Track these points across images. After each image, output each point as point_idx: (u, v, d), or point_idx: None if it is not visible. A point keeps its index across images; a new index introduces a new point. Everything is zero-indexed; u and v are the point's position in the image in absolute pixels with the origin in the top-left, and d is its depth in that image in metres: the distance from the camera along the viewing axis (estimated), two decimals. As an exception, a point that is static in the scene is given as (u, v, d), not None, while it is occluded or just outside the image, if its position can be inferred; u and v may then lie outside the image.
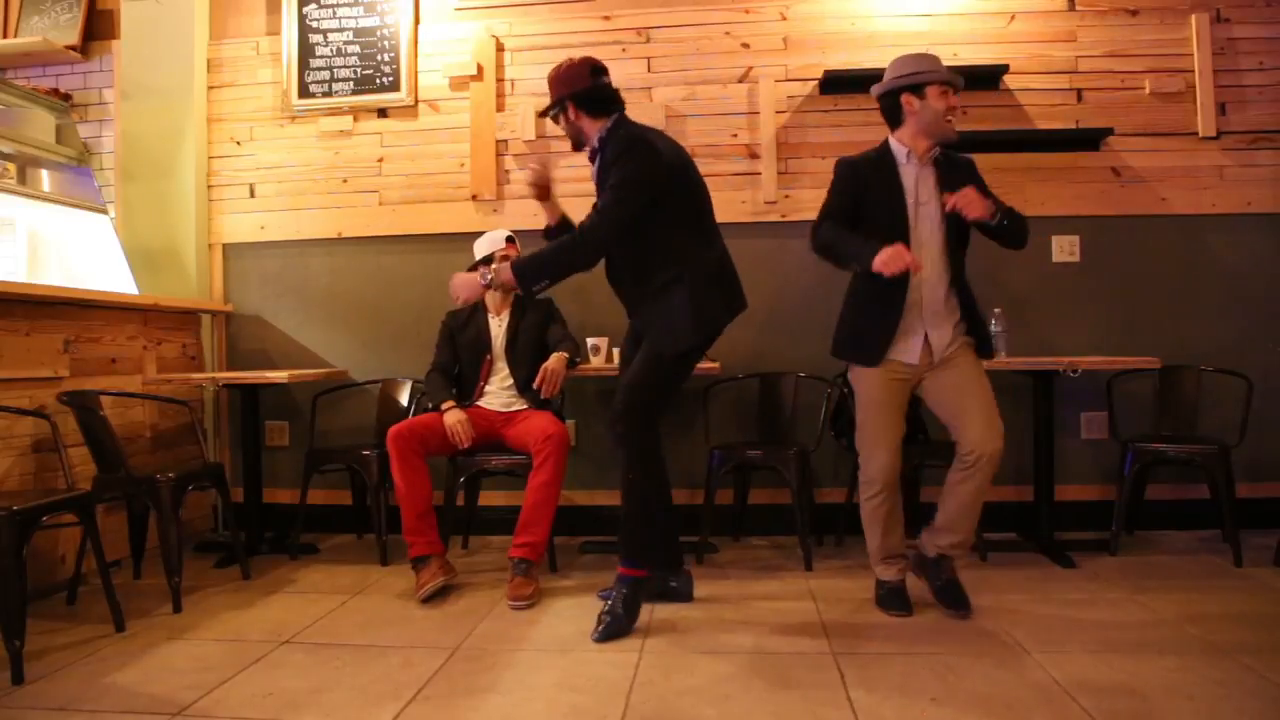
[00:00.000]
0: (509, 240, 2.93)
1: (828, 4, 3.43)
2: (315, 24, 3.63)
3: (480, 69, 3.52)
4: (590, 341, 3.14)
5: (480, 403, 2.94)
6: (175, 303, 3.39)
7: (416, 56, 3.57)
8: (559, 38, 3.48)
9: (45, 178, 3.74)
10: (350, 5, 3.61)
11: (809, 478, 3.04)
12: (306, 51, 3.62)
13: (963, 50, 3.36)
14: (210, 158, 3.67)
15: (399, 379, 3.44)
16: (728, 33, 3.46)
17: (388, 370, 3.51)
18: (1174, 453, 2.89)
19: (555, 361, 2.77)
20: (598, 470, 3.40)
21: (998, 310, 2.98)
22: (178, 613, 2.46)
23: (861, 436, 2.34)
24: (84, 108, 3.84)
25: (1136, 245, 3.32)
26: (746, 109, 3.44)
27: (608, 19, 3.50)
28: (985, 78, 3.32)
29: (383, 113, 3.60)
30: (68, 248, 3.74)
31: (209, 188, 3.67)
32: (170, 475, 2.53)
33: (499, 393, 2.95)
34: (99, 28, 3.81)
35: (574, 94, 2.31)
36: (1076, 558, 2.84)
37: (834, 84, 3.35)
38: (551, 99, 2.35)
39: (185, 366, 3.45)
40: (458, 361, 3.03)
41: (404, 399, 3.39)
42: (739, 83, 3.45)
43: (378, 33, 3.59)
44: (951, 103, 2.26)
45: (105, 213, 3.73)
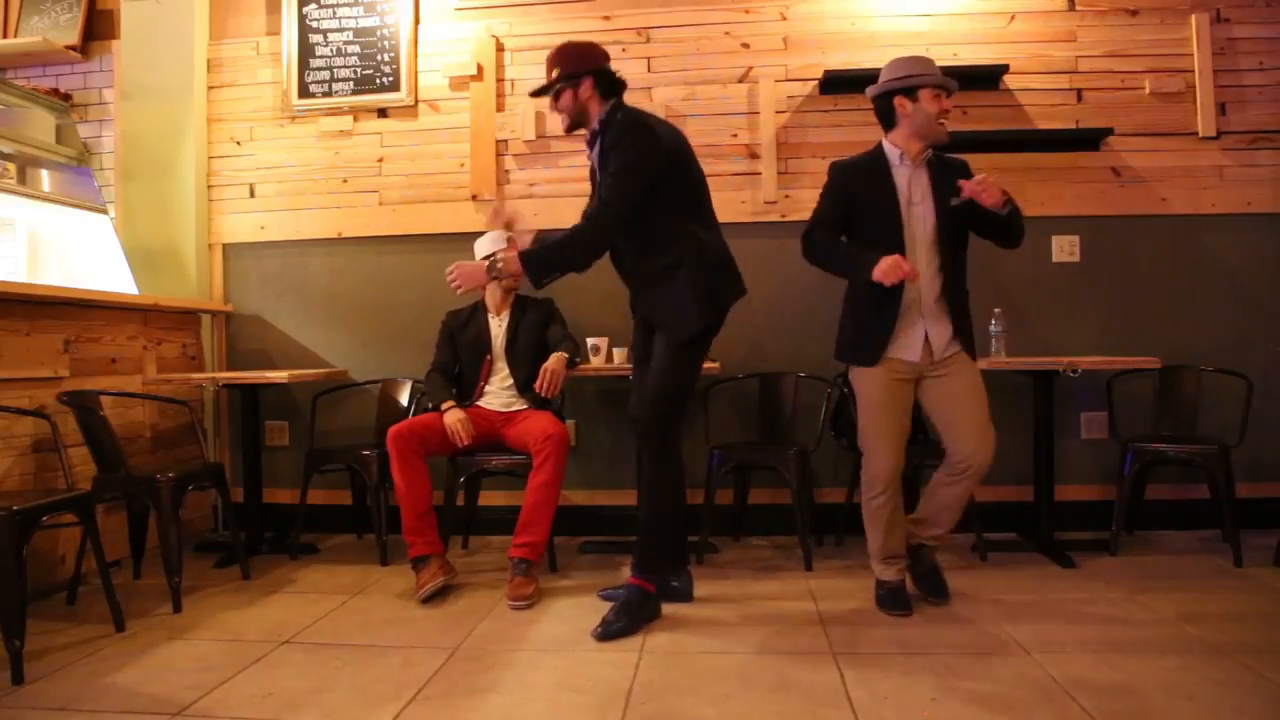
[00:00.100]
0: (510, 240, 2.93)
1: (828, 4, 3.43)
2: (315, 24, 3.63)
3: (480, 69, 3.52)
4: (590, 341, 3.14)
5: (480, 403, 2.94)
6: (175, 303, 3.39)
7: (416, 56, 3.57)
8: (559, 38, 3.43)
9: (45, 178, 3.74)
10: (350, 5, 3.61)
11: (809, 478, 3.04)
12: (306, 51, 3.62)
13: (963, 50, 3.36)
14: (210, 158, 3.67)
15: (399, 379, 3.45)
16: (728, 33, 3.46)
17: (388, 370, 3.51)
18: (1174, 453, 2.89)
19: (555, 362, 2.77)
20: (598, 470, 3.40)
21: (998, 310, 2.98)
22: (178, 613, 2.46)
23: (864, 437, 2.34)
24: (84, 108, 3.84)
25: (1136, 245, 3.32)
26: (746, 109, 3.44)
27: (608, 19, 3.50)
28: (985, 78, 3.32)
29: (383, 113, 3.61)
30: (68, 248, 3.74)
31: (209, 188, 3.67)
32: (170, 475, 2.53)
33: (499, 393, 2.95)
34: (99, 28, 3.81)
35: (595, 70, 2.28)
36: (1076, 558, 2.84)
37: (834, 84, 3.35)
38: (561, 73, 2.27)
39: (185, 366, 3.45)
40: (458, 361, 3.03)
41: (404, 399, 3.39)
42: (739, 83, 3.45)
43: (378, 33, 3.59)
44: (944, 106, 2.28)
45: (105, 213, 3.73)
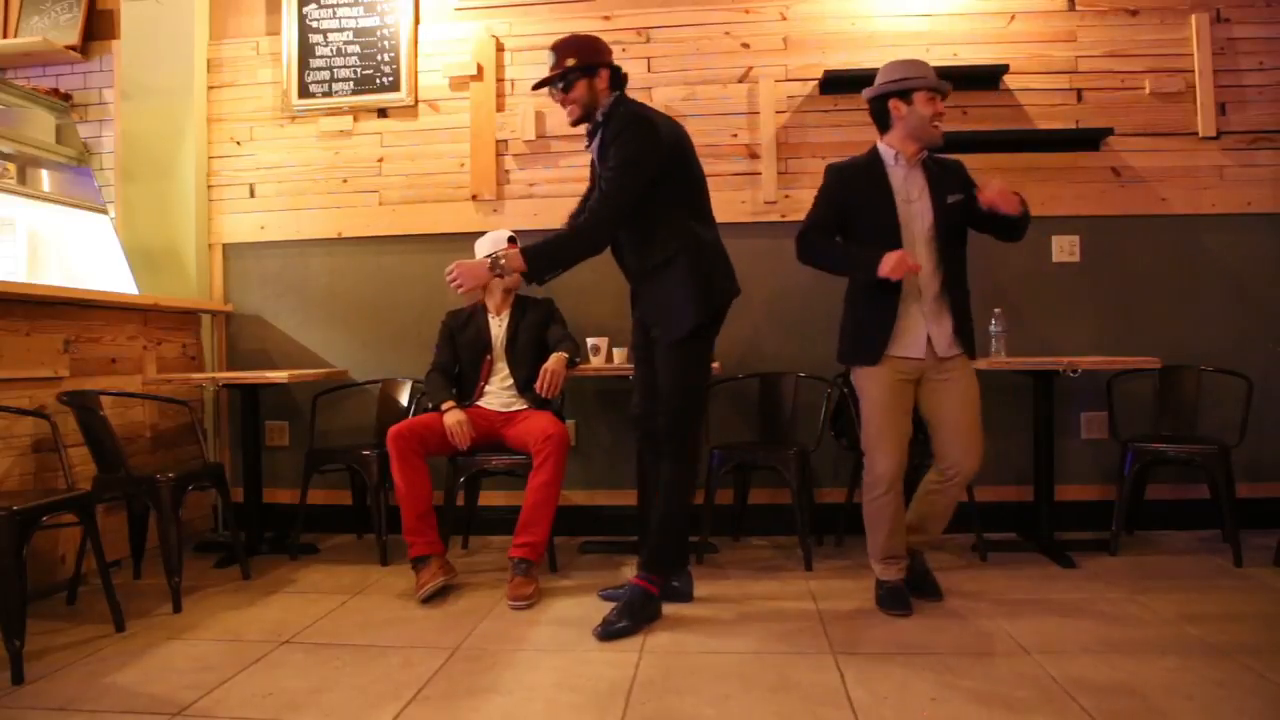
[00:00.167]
0: (511, 240, 2.92)
1: (828, 4, 3.43)
2: (315, 24, 3.62)
3: (480, 69, 3.52)
4: (590, 341, 3.14)
5: (480, 403, 2.94)
6: (175, 303, 3.39)
7: (416, 56, 3.57)
8: (559, 38, 3.47)
9: (45, 178, 3.74)
10: (350, 5, 3.61)
11: (809, 478, 3.04)
12: (306, 51, 3.62)
13: (963, 50, 3.36)
14: (210, 158, 3.67)
15: (399, 379, 3.44)
16: (728, 33, 3.46)
17: (388, 370, 3.51)
18: (1174, 453, 2.89)
19: (555, 362, 2.77)
20: (598, 470, 3.40)
21: (998, 310, 2.98)
22: (178, 613, 2.46)
23: (868, 438, 2.34)
24: (84, 108, 3.83)
25: (1136, 245, 3.32)
26: (746, 109, 3.44)
27: (608, 19, 3.50)
28: (985, 78, 3.32)
29: (383, 113, 3.60)
30: (68, 248, 3.74)
31: (209, 188, 3.67)
32: (170, 475, 2.53)
33: (499, 393, 2.95)
34: (99, 28, 3.81)
35: (608, 63, 2.32)
36: (1076, 558, 2.84)
37: (834, 84, 3.35)
38: (579, 62, 2.27)
39: (185, 366, 3.45)
40: (458, 361, 3.03)
41: (404, 399, 3.39)
42: (739, 83, 3.45)
43: (378, 33, 3.59)
44: (938, 108, 2.30)
45: (105, 213, 3.73)
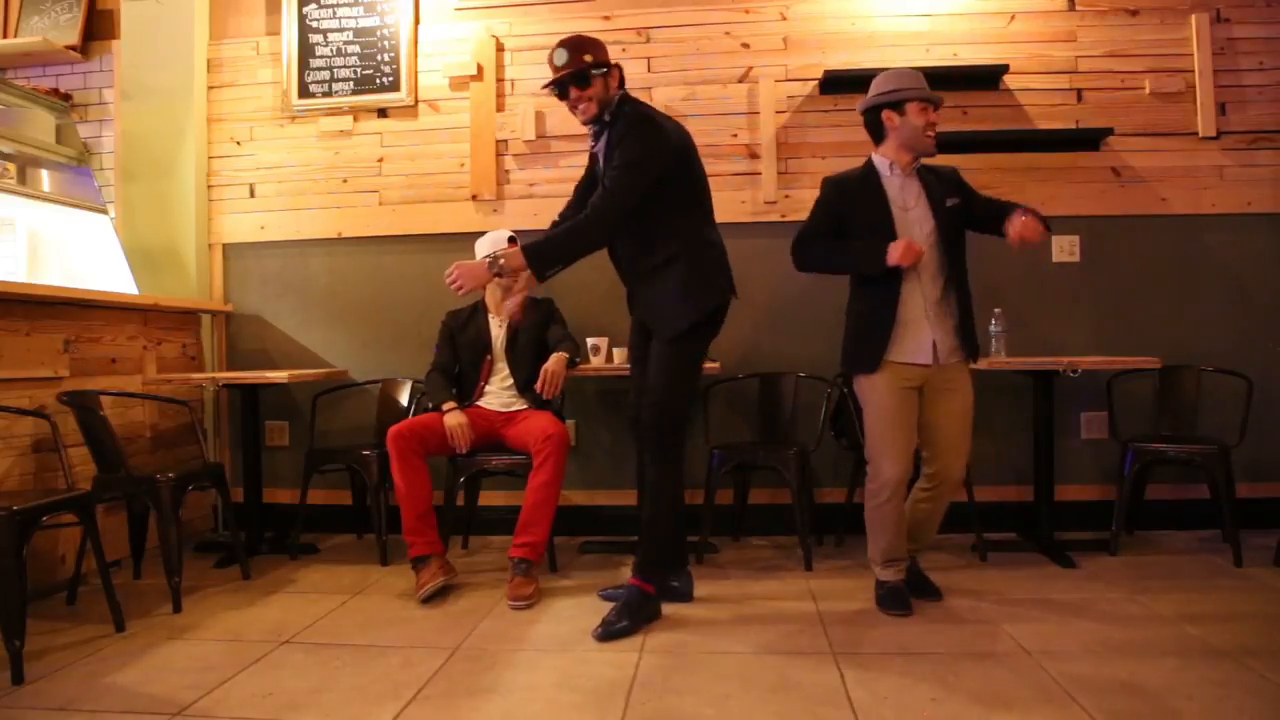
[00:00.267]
0: (511, 240, 2.92)
1: (828, 4, 3.43)
2: (315, 24, 3.62)
3: (480, 69, 3.52)
4: (590, 341, 3.14)
5: (480, 403, 2.94)
6: (175, 303, 3.39)
7: (416, 56, 3.57)
8: (559, 38, 3.44)
9: (45, 178, 3.74)
10: (350, 5, 3.61)
11: (809, 478, 3.04)
12: (306, 51, 3.62)
13: (963, 50, 3.36)
14: (210, 158, 3.67)
15: (399, 379, 3.44)
16: (728, 33, 3.46)
17: (388, 370, 3.51)
18: (1174, 453, 2.89)
19: (555, 362, 2.77)
20: (598, 470, 3.40)
21: (998, 310, 2.97)
22: (178, 613, 2.46)
23: (873, 444, 2.34)
24: (84, 108, 3.83)
25: (1136, 245, 3.32)
26: (746, 109, 3.44)
27: (608, 19, 3.50)
28: (985, 78, 3.32)
29: (383, 113, 3.60)
30: (68, 248, 3.74)
31: (209, 188, 3.67)
32: (170, 475, 2.53)
33: (499, 393, 2.95)
34: (99, 28, 3.81)
35: (617, 65, 2.33)
36: (1076, 558, 2.84)
37: (834, 84, 3.35)
38: (596, 60, 2.27)
39: (185, 366, 3.45)
40: (458, 361, 3.03)
41: (404, 399, 3.39)
42: (739, 83, 3.45)
43: (378, 33, 3.59)
44: (930, 118, 2.32)
45: (105, 213, 3.73)
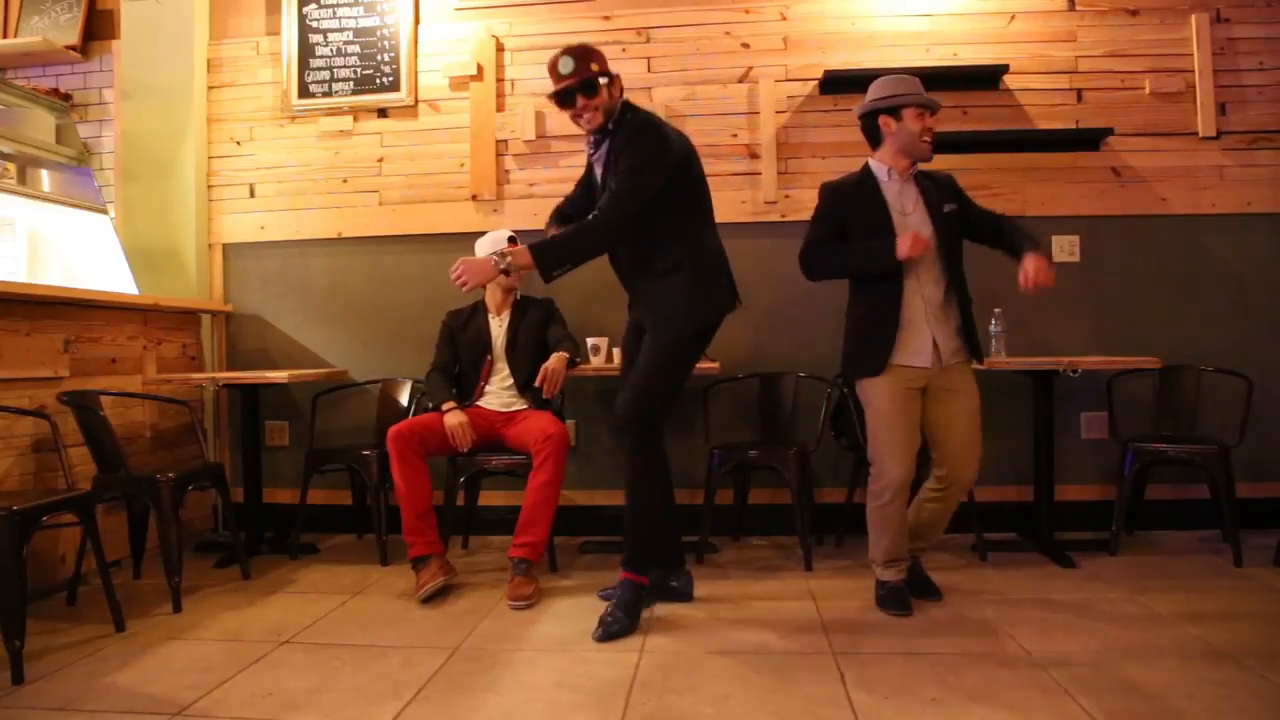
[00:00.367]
0: (511, 240, 2.93)
1: (828, 4, 3.43)
2: (315, 24, 3.62)
3: (480, 69, 3.52)
4: (590, 341, 3.14)
5: (480, 403, 2.94)
6: (175, 303, 3.39)
7: (416, 56, 3.57)
8: (559, 38, 3.47)
9: (45, 178, 3.74)
10: (350, 5, 3.61)
11: (809, 478, 3.04)
12: (306, 51, 3.62)
13: (963, 50, 3.36)
14: (210, 158, 3.68)
15: (399, 379, 3.44)
16: (728, 33, 3.46)
17: (388, 370, 3.51)
18: (1174, 453, 2.89)
19: (555, 361, 2.77)
20: (598, 470, 3.40)
21: (998, 310, 2.97)
22: (178, 613, 2.46)
23: (876, 446, 2.34)
24: (84, 108, 3.83)
25: (1136, 245, 3.32)
26: (746, 109, 3.44)
27: (608, 19, 3.50)
28: (985, 78, 3.32)
29: (383, 113, 3.60)
30: (68, 248, 3.74)
31: (209, 188, 3.67)
32: (170, 475, 2.53)
33: (499, 393, 2.95)
34: (99, 28, 3.81)
35: (618, 74, 2.33)
36: (1076, 558, 2.84)
37: (834, 84, 3.35)
38: (602, 69, 2.27)
39: (185, 366, 3.45)
40: (458, 361, 3.03)
41: (404, 399, 3.39)
42: (739, 83, 3.45)
43: (378, 33, 3.59)
44: (926, 123, 2.32)
45: (105, 213, 3.73)
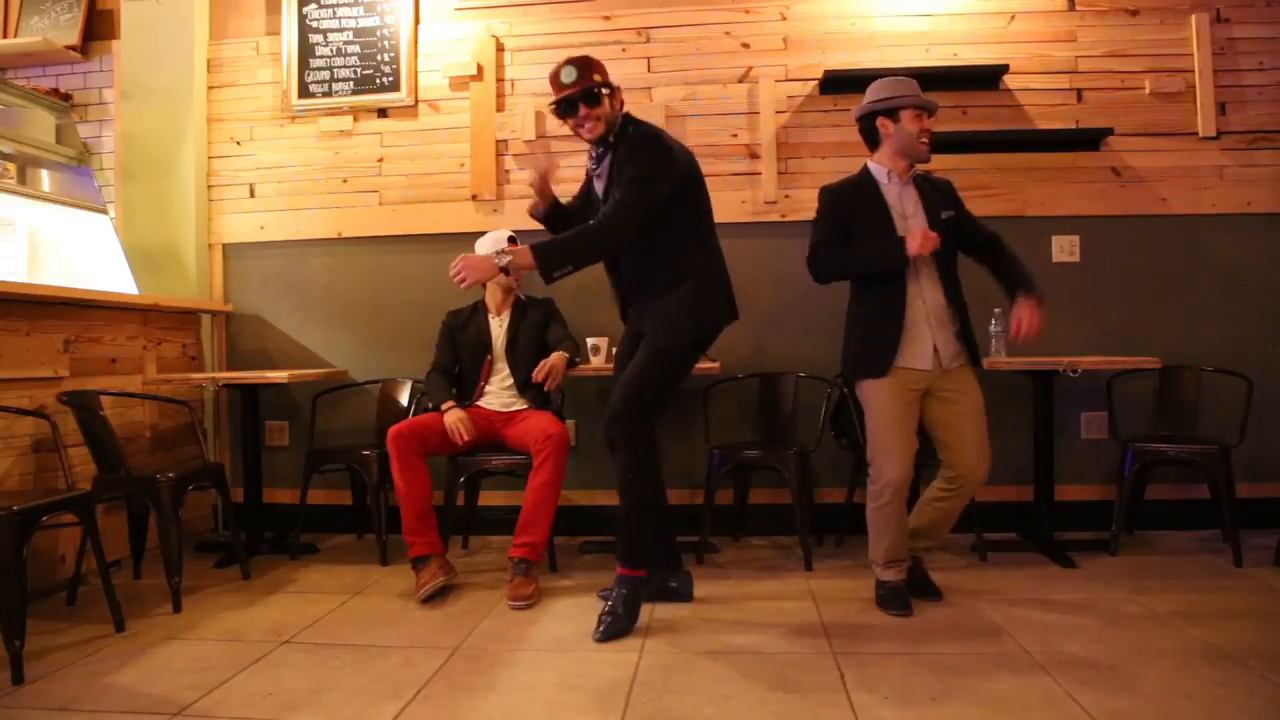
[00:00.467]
0: (511, 240, 2.92)
1: (828, 4, 3.43)
2: (315, 24, 3.62)
3: (480, 69, 3.52)
4: (590, 341, 3.14)
5: (480, 403, 2.94)
6: (175, 303, 3.39)
7: (416, 56, 3.57)
8: (559, 38, 3.48)
9: (45, 178, 3.74)
10: (350, 5, 3.61)
11: (809, 478, 3.04)
12: (306, 51, 3.62)
13: (963, 50, 3.36)
14: (210, 158, 3.67)
15: (399, 379, 3.44)
16: (728, 33, 3.46)
17: (388, 370, 3.51)
18: (1174, 453, 2.89)
19: (556, 357, 2.79)
20: (598, 470, 3.40)
21: (998, 310, 2.97)
22: (178, 613, 2.46)
23: (875, 446, 2.34)
24: (84, 108, 3.83)
25: (1136, 245, 3.31)
26: (746, 109, 3.44)
27: (608, 19, 3.50)
28: (985, 78, 3.32)
29: (383, 113, 3.60)
30: (68, 248, 3.74)
31: (209, 188, 3.67)
32: (170, 475, 2.53)
33: (499, 393, 2.95)
34: (99, 28, 3.81)
35: (619, 86, 2.34)
36: (1076, 558, 2.84)
37: (834, 84, 3.34)
38: (605, 80, 2.28)
39: (185, 366, 3.45)
40: (458, 361, 3.03)
41: (404, 399, 3.39)
42: (739, 83, 3.45)
43: (378, 33, 3.59)
44: (924, 125, 2.32)
45: (105, 213, 3.73)
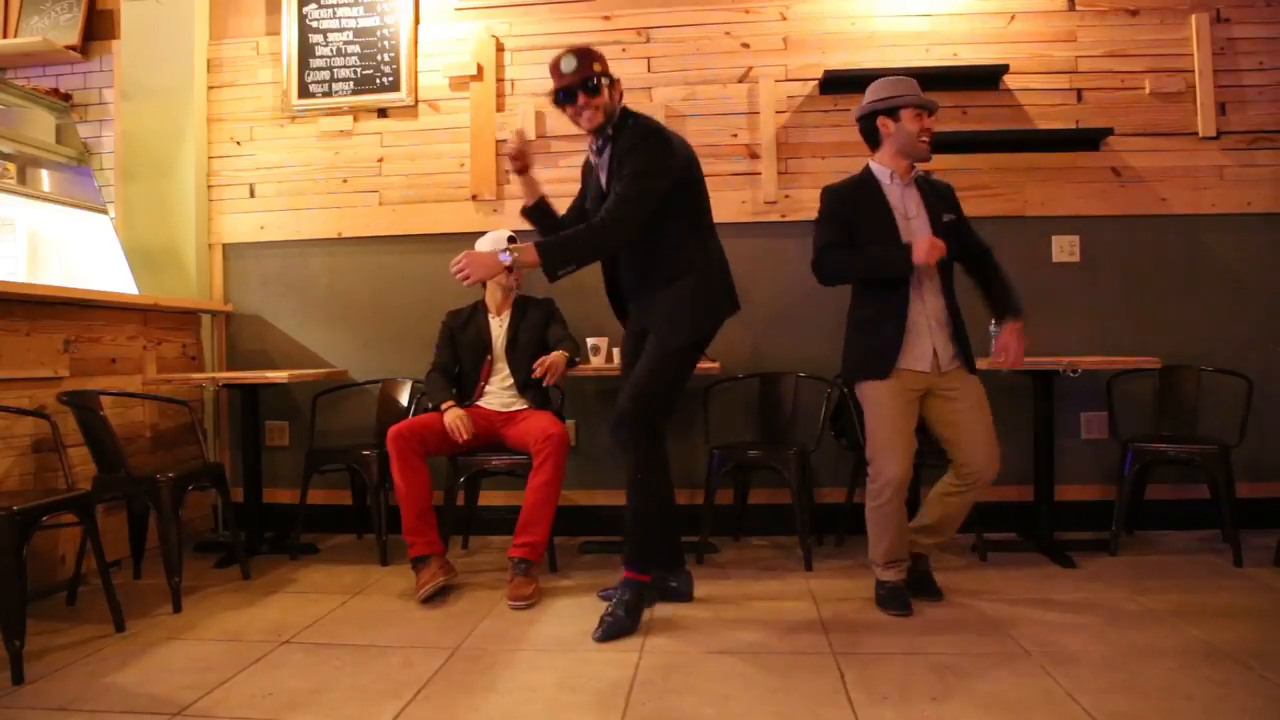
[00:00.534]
0: (511, 240, 2.92)
1: (828, 4, 3.43)
2: (315, 24, 3.62)
3: (480, 69, 3.52)
4: (590, 341, 3.14)
5: (480, 403, 2.94)
6: (175, 303, 3.39)
7: (416, 56, 3.57)
8: (559, 38, 3.47)
9: (45, 178, 3.74)
10: (350, 5, 3.61)
11: (809, 478, 3.04)
12: (306, 51, 3.62)
13: (963, 50, 3.36)
14: (210, 158, 3.67)
15: (399, 379, 3.44)
16: (728, 33, 3.46)
17: (388, 370, 3.51)
18: (1174, 453, 2.89)
19: (556, 355, 2.79)
20: (598, 470, 3.40)
21: (998, 310, 2.98)
22: (178, 613, 2.46)
23: (875, 446, 2.34)
24: (84, 108, 3.83)
25: (1136, 245, 3.31)
26: (746, 109, 3.44)
27: (608, 19, 3.50)
28: (985, 78, 3.32)
29: (383, 113, 3.60)
30: (68, 248, 3.74)
31: (209, 188, 3.67)
32: (170, 475, 2.53)
33: (499, 393, 2.95)
34: (99, 28, 3.81)
35: (619, 78, 2.33)
36: (1076, 558, 2.84)
37: (834, 84, 3.34)
38: (603, 69, 2.25)
39: (185, 366, 3.45)
40: (458, 361, 3.03)
41: (404, 399, 3.39)
42: (739, 83, 3.45)
43: (378, 33, 3.59)
44: (925, 124, 2.33)
45: (105, 213, 3.73)
